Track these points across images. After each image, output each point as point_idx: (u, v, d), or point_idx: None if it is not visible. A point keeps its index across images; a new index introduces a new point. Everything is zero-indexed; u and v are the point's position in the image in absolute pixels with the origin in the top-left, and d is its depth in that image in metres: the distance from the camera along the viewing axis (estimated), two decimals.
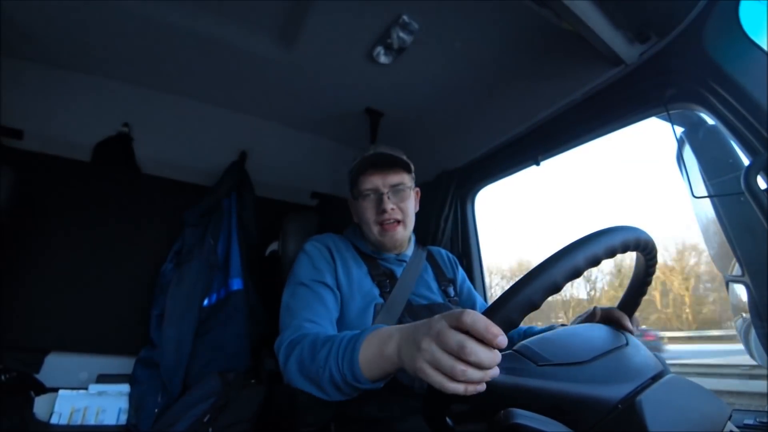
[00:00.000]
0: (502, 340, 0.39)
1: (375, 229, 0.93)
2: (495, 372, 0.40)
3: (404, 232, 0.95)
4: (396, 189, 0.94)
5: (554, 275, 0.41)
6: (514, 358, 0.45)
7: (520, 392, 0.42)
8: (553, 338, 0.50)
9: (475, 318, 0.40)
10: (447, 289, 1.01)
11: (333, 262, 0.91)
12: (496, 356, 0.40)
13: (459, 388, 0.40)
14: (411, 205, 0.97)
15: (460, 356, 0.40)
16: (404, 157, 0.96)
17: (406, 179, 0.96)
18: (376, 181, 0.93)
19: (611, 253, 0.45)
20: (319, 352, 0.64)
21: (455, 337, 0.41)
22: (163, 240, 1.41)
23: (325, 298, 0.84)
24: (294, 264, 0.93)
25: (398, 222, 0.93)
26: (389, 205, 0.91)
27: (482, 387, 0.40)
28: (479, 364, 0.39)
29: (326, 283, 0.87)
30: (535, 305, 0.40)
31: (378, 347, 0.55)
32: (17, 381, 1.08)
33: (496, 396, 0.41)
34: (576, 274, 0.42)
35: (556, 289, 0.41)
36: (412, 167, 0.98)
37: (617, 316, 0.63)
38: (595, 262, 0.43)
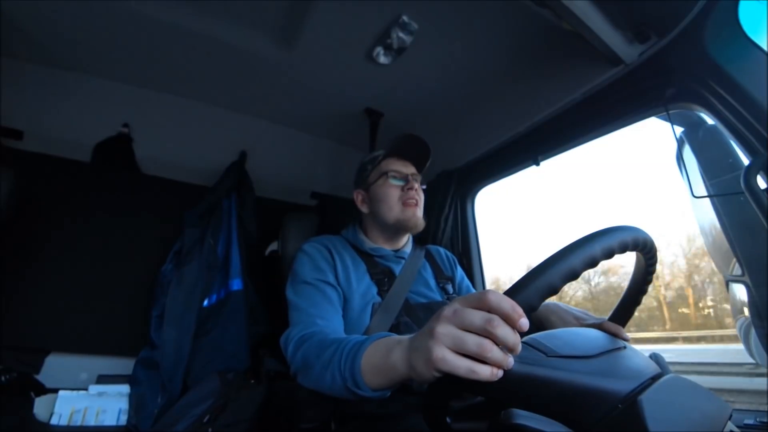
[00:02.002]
0: (525, 322, 0.38)
1: (397, 208, 0.97)
2: (511, 361, 0.39)
3: (420, 214, 0.99)
4: (416, 178, 1.01)
5: (573, 262, 0.42)
6: (525, 348, 0.46)
7: (532, 381, 0.42)
8: (559, 334, 0.51)
9: (500, 297, 0.38)
10: (446, 286, 1.01)
11: (333, 261, 0.92)
12: (518, 339, 0.38)
13: (486, 371, 0.38)
14: (422, 196, 1.03)
15: (486, 330, 0.38)
16: (429, 146, 1.01)
17: (419, 174, 1.04)
18: (400, 167, 1.00)
19: (623, 249, 0.46)
20: (324, 351, 0.64)
21: (478, 313, 0.39)
22: (163, 240, 1.41)
23: (330, 297, 0.85)
24: (294, 264, 0.94)
25: (417, 204, 0.98)
26: (415, 185, 0.98)
27: (501, 373, 0.39)
28: (505, 340, 0.37)
29: (329, 282, 0.87)
30: (554, 290, 0.41)
31: (383, 354, 0.53)
32: (17, 381, 1.08)
33: (510, 384, 0.42)
34: (593, 263, 0.43)
35: (575, 276, 0.42)
36: (426, 167, 1.05)
37: (611, 329, 0.60)
38: (610, 254, 0.45)
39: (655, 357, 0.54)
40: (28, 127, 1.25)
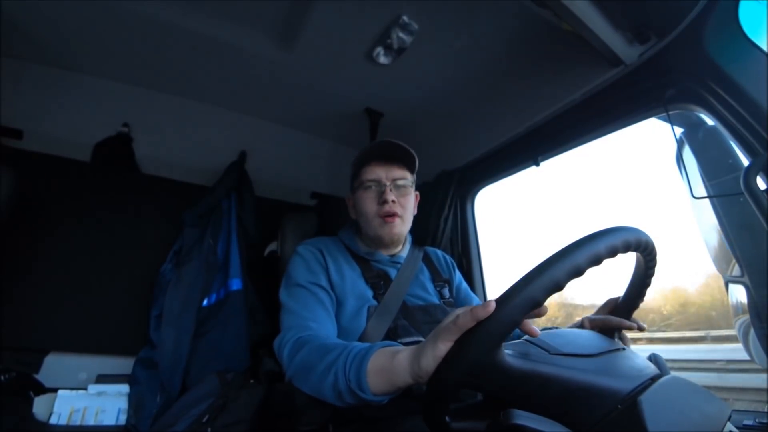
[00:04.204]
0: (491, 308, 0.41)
1: (374, 222, 0.92)
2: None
3: (402, 227, 0.94)
4: (398, 183, 0.93)
5: (578, 259, 0.42)
6: (528, 346, 0.46)
7: (535, 377, 0.42)
8: (561, 333, 0.51)
9: (476, 312, 0.41)
10: (442, 290, 1.00)
11: (325, 264, 0.91)
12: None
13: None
14: (411, 202, 0.96)
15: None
16: (410, 149, 0.93)
17: (408, 176, 0.96)
18: (379, 173, 0.92)
19: (626, 249, 0.46)
20: (328, 354, 0.64)
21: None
22: (163, 240, 1.41)
23: (323, 301, 0.85)
24: (288, 266, 0.93)
25: (397, 215, 0.92)
26: (390, 197, 0.90)
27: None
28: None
29: (322, 285, 0.87)
30: (559, 286, 0.41)
31: (389, 357, 0.55)
32: (17, 381, 1.08)
33: (513, 381, 0.42)
34: (597, 261, 0.43)
35: (579, 273, 0.42)
36: (416, 165, 0.97)
37: (615, 324, 0.61)
38: (613, 253, 0.45)
39: (654, 358, 0.54)
40: (28, 127, 1.25)
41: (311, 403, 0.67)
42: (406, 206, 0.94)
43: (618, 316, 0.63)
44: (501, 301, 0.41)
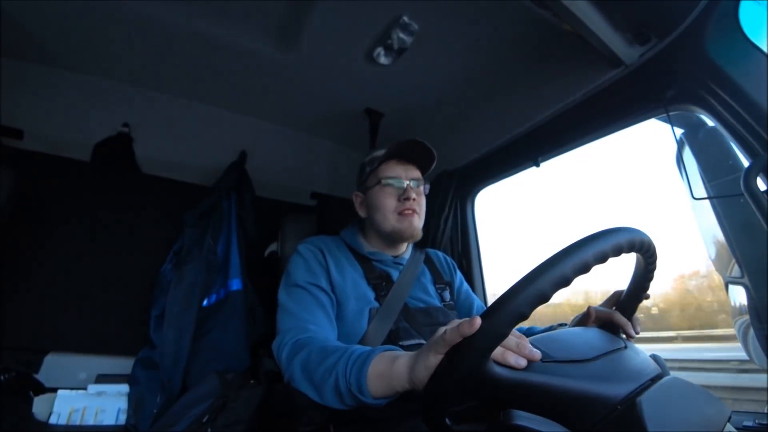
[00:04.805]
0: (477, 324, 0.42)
1: (393, 217, 0.93)
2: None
3: (419, 223, 0.96)
4: (415, 183, 0.96)
5: (564, 269, 0.41)
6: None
7: (525, 388, 0.42)
8: (556, 337, 0.50)
9: (461, 330, 0.42)
10: (443, 293, 1.00)
11: (326, 264, 0.91)
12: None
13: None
14: (424, 202, 0.99)
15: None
16: (434, 151, 0.95)
17: (421, 178, 0.99)
18: (399, 171, 0.95)
19: (617, 252, 0.45)
20: (328, 357, 0.64)
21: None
22: (163, 240, 1.41)
23: (323, 302, 0.84)
24: (288, 265, 0.93)
25: (416, 212, 0.94)
26: (413, 194, 0.93)
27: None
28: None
29: (321, 287, 0.86)
30: (546, 297, 0.41)
31: (388, 363, 0.56)
32: (17, 381, 1.08)
33: (502, 392, 0.42)
34: (586, 269, 0.42)
35: (566, 283, 0.41)
36: (431, 168, 0.99)
37: (620, 323, 0.62)
38: (603, 259, 0.43)
39: (654, 358, 0.53)
40: (28, 127, 1.25)
41: (311, 403, 0.67)
42: (422, 205, 0.97)
43: (622, 309, 0.63)
44: (486, 316, 0.41)
